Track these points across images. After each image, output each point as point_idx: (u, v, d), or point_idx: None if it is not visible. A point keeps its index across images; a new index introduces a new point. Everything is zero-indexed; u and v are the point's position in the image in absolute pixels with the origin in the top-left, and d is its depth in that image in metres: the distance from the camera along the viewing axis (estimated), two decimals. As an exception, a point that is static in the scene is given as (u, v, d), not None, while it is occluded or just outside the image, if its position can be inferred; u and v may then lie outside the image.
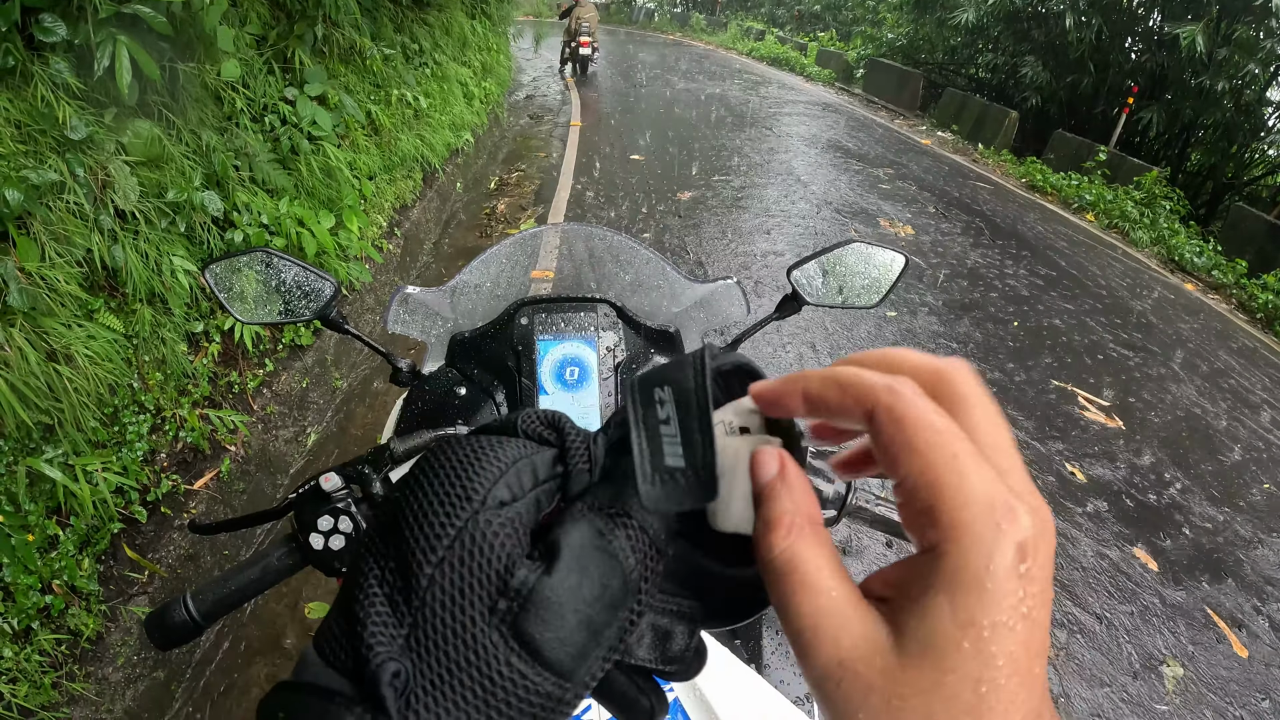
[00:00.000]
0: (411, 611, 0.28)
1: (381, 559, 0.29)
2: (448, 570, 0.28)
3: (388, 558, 0.29)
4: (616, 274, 1.37)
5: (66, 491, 2.29)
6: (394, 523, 0.30)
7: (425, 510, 0.29)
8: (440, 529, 0.28)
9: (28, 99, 2.35)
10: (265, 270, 1.12)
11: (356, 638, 0.28)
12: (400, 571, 0.28)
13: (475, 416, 1.17)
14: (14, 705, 2.01)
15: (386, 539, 0.30)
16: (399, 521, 0.30)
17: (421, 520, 0.29)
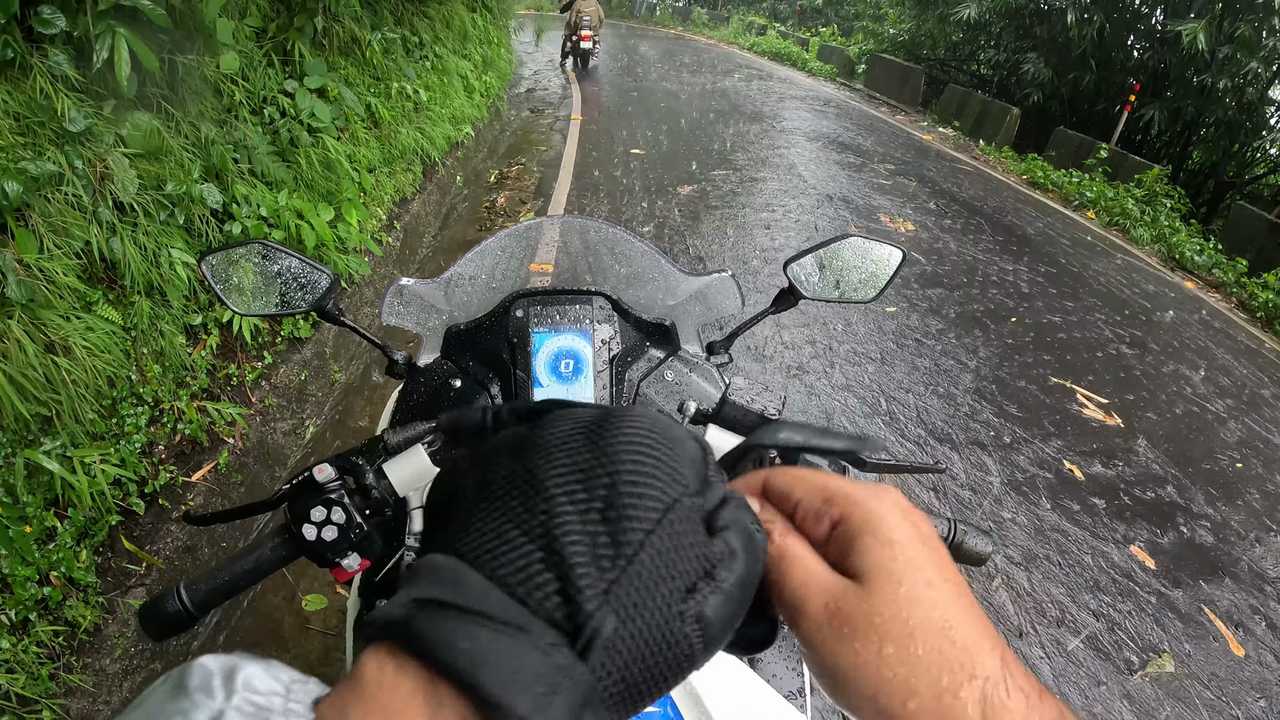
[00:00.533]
0: (616, 567, 0.28)
1: (576, 500, 0.30)
2: (659, 542, 0.29)
3: (585, 503, 0.29)
4: (612, 266, 1.37)
5: (64, 483, 2.29)
6: (593, 467, 0.30)
7: (640, 474, 0.30)
8: (655, 500, 0.30)
9: (26, 91, 2.35)
10: (262, 262, 1.12)
11: (565, 578, 0.28)
12: (607, 521, 0.29)
13: None
14: (12, 695, 2.01)
15: (580, 479, 0.30)
16: (603, 474, 0.30)
17: (637, 482, 0.30)
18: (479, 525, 0.30)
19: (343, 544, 0.86)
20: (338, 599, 2.62)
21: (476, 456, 0.35)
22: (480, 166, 7.63)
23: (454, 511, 0.32)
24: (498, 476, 0.32)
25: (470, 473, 0.34)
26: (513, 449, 0.33)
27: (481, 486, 0.32)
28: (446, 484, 0.35)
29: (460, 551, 0.30)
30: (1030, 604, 2.95)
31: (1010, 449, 3.87)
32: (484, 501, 0.31)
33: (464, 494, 0.33)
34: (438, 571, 0.29)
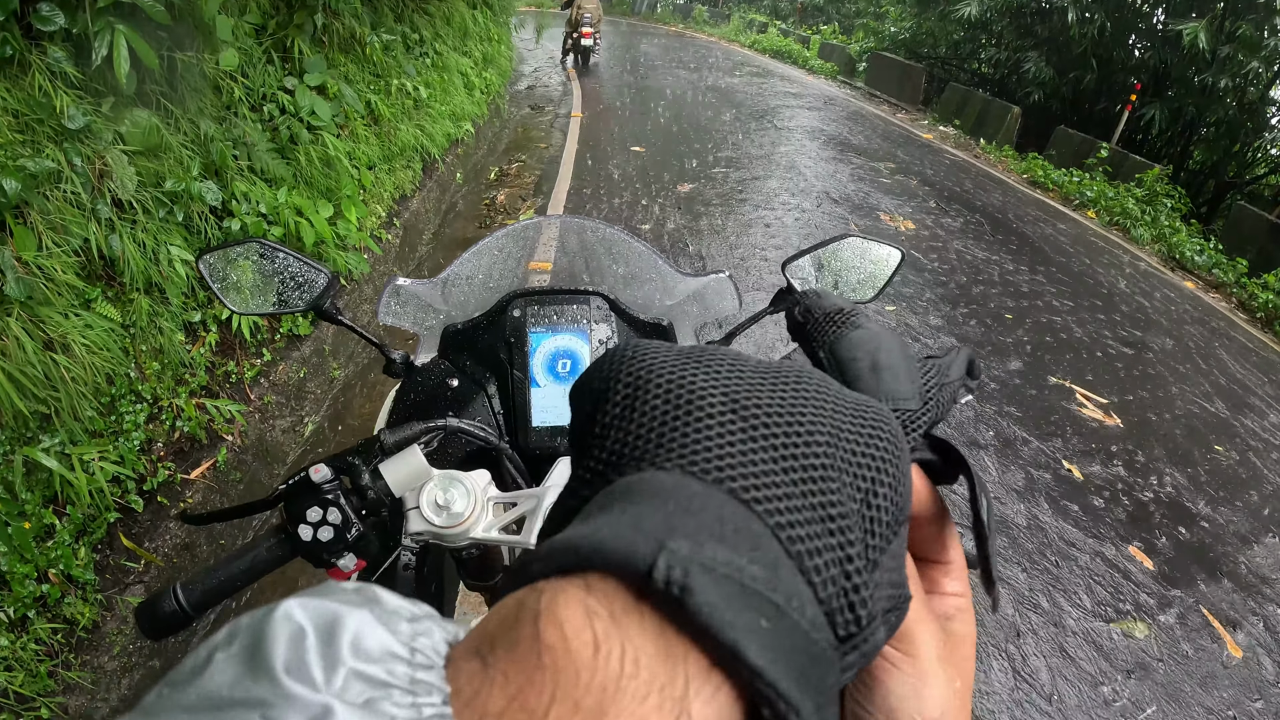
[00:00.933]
0: (870, 564, 0.24)
1: (847, 475, 0.25)
2: (890, 554, 0.26)
3: (853, 483, 0.25)
4: (610, 266, 1.37)
5: (63, 481, 2.29)
6: (859, 459, 0.26)
7: (889, 491, 0.26)
8: (892, 523, 0.26)
9: (25, 88, 2.35)
10: (259, 261, 1.13)
11: (848, 572, 0.23)
12: (864, 519, 0.25)
13: (467, 408, 1.17)
14: (10, 694, 2.01)
15: (846, 454, 0.25)
16: (867, 466, 0.26)
17: (894, 486, 0.26)
18: (740, 454, 0.23)
19: (338, 544, 0.87)
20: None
21: (708, 361, 0.27)
22: (480, 163, 7.62)
23: (686, 414, 0.25)
24: (758, 406, 0.25)
25: (708, 376, 0.26)
26: (774, 381, 0.26)
27: (735, 408, 0.25)
28: (658, 369, 0.27)
29: (719, 476, 0.23)
30: (1028, 605, 2.95)
31: (1009, 447, 3.87)
32: (743, 427, 0.24)
33: (706, 401, 0.25)
34: (711, 509, 0.22)
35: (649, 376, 0.26)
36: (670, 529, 0.20)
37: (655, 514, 0.21)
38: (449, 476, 0.95)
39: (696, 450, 0.23)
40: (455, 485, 0.94)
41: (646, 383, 0.26)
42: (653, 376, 0.26)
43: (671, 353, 0.27)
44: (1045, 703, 2.57)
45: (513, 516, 0.99)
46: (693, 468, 0.23)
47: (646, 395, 0.25)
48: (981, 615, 2.84)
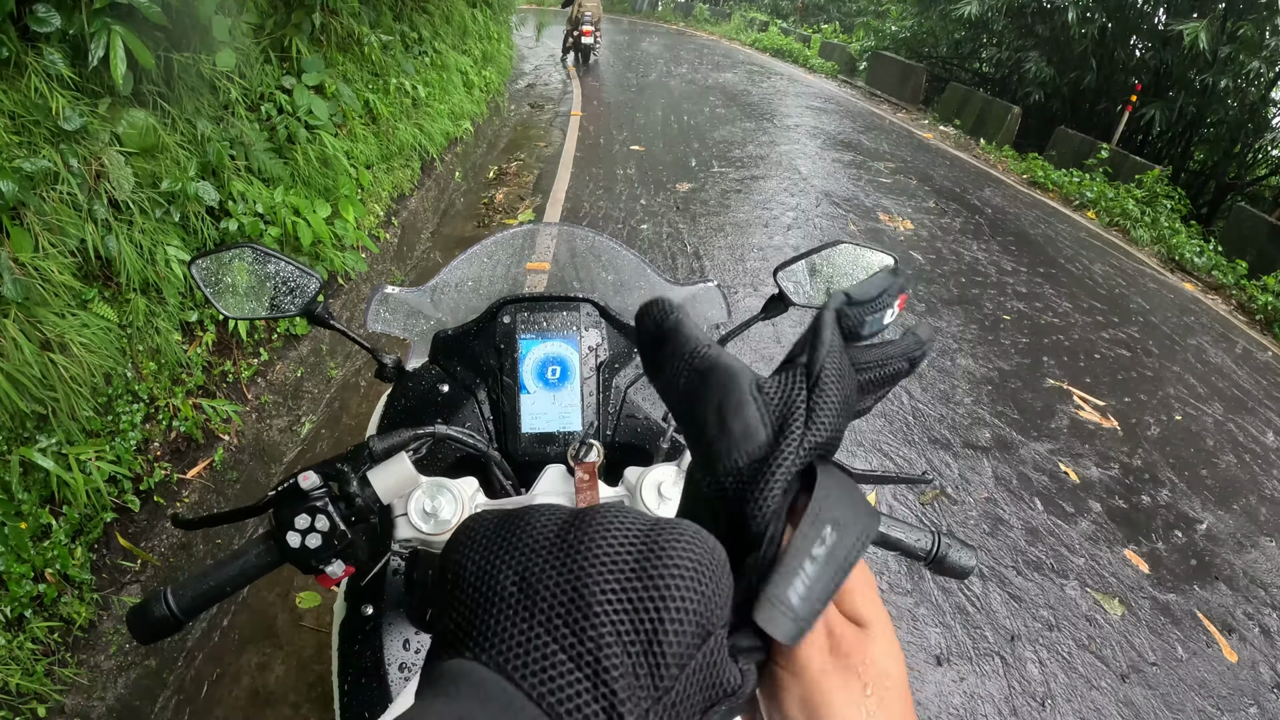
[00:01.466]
0: (651, 699, 0.28)
1: (623, 632, 0.28)
2: (691, 676, 0.29)
3: (632, 635, 0.28)
4: (600, 274, 1.37)
5: (60, 481, 2.30)
6: (640, 604, 0.29)
7: (684, 611, 0.29)
8: (693, 635, 0.29)
9: (21, 90, 2.35)
10: (252, 265, 1.13)
11: (610, 711, 0.27)
12: (648, 656, 0.28)
13: (457, 414, 1.18)
14: (11, 689, 2.02)
15: (629, 611, 0.29)
16: (650, 609, 0.29)
17: (681, 620, 0.29)
18: (522, 640, 0.28)
19: (326, 551, 0.87)
20: (330, 596, 2.63)
21: (514, 541, 0.32)
22: (479, 162, 7.63)
23: (486, 605, 0.30)
24: (543, 586, 0.29)
25: (508, 561, 0.31)
26: (558, 550, 0.30)
27: (524, 592, 0.29)
28: (474, 558, 0.32)
29: (502, 665, 0.28)
30: (1024, 607, 2.96)
31: (1006, 449, 3.87)
32: (527, 613, 0.29)
33: (501, 590, 0.30)
34: (487, 691, 0.27)
35: (460, 572, 0.32)
36: (452, 713, 0.26)
37: (448, 702, 0.27)
38: (436, 484, 0.96)
39: (488, 641, 0.29)
40: (442, 493, 0.95)
41: (459, 579, 0.31)
42: (463, 573, 0.32)
43: (485, 534, 0.33)
44: (1040, 708, 2.58)
45: None
46: (483, 656, 0.28)
47: (459, 591, 0.31)
48: (981, 617, 2.85)
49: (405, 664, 1.00)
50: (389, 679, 0.99)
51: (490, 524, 0.33)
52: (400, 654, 1.01)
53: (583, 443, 1.01)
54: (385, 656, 1.00)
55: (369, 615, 1.04)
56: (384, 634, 1.02)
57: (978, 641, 2.78)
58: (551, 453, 1.15)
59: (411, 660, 1.01)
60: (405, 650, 1.02)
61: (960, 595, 2.96)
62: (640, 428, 1.20)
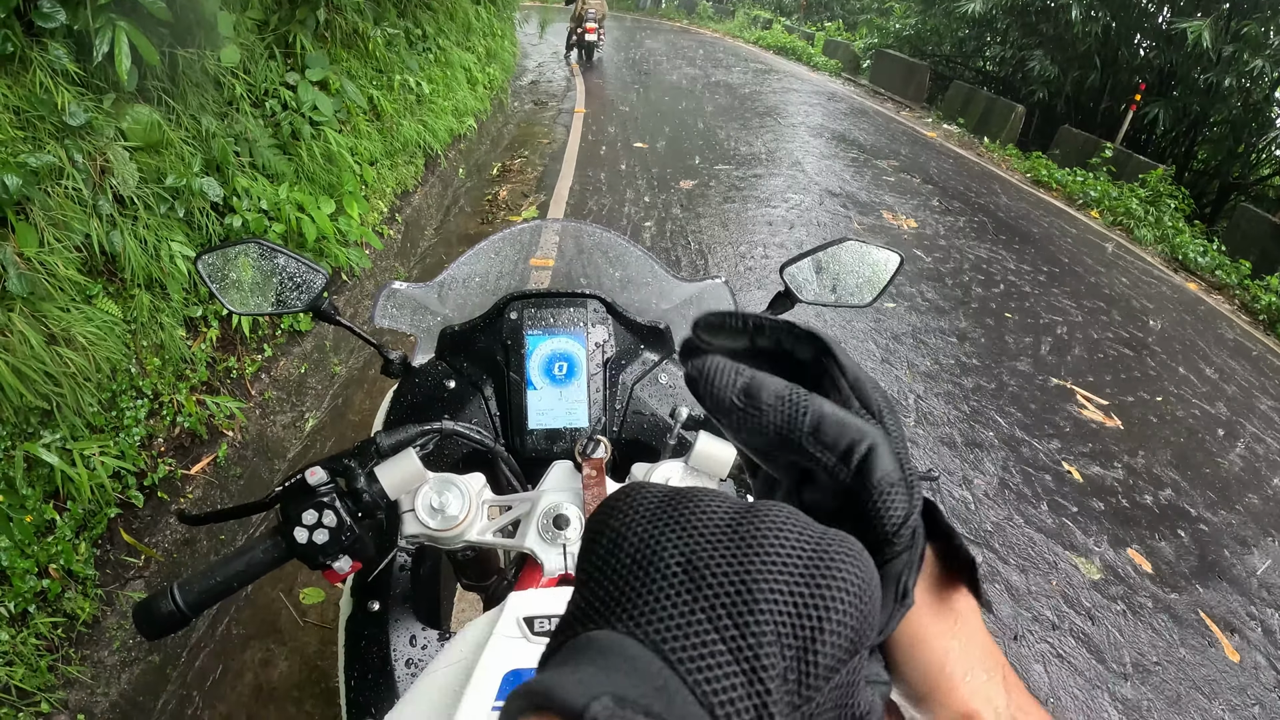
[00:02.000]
0: (799, 701, 0.27)
1: (783, 633, 0.28)
2: (831, 692, 0.29)
3: (791, 638, 0.28)
4: (607, 270, 1.37)
5: (64, 476, 2.30)
6: (805, 609, 0.28)
7: (842, 624, 0.29)
8: (843, 651, 0.29)
9: (26, 85, 2.35)
10: (258, 261, 1.13)
11: (762, 696, 0.27)
12: (802, 662, 0.28)
13: (464, 410, 1.18)
14: (12, 688, 2.02)
15: (793, 612, 0.28)
16: (813, 615, 0.28)
17: (838, 632, 0.29)
18: (682, 623, 0.27)
19: (333, 547, 0.87)
20: (334, 592, 2.63)
21: (683, 519, 0.31)
22: (483, 159, 7.62)
23: (647, 579, 0.29)
24: (710, 572, 0.29)
25: (674, 539, 0.30)
26: (729, 538, 0.30)
27: (690, 574, 0.29)
28: (637, 529, 0.31)
29: (658, 644, 0.27)
30: (1024, 606, 2.96)
31: (1010, 447, 3.86)
32: (691, 596, 0.28)
33: (665, 567, 0.29)
34: (640, 668, 0.26)
35: (620, 542, 0.30)
36: (603, 685, 0.24)
37: (597, 672, 0.26)
38: (444, 480, 0.96)
39: (645, 617, 0.28)
40: (450, 488, 0.95)
41: (617, 548, 0.30)
42: (623, 543, 0.30)
43: (650, 507, 0.31)
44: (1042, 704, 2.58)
45: (507, 520, 0.99)
46: (638, 631, 0.27)
47: (615, 560, 0.30)
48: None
49: (412, 660, 1.00)
50: (395, 675, 0.98)
51: (656, 497, 0.32)
52: (407, 650, 1.01)
53: (590, 439, 1.01)
54: (392, 652, 1.00)
55: (375, 611, 1.03)
56: (390, 630, 1.02)
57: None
58: (558, 449, 1.15)
59: (418, 656, 1.01)
60: (412, 646, 1.01)
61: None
62: (647, 424, 1.20)
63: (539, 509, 0.96)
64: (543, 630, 0.79)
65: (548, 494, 0.98)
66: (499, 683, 0.75)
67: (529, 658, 0.76)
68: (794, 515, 0.31)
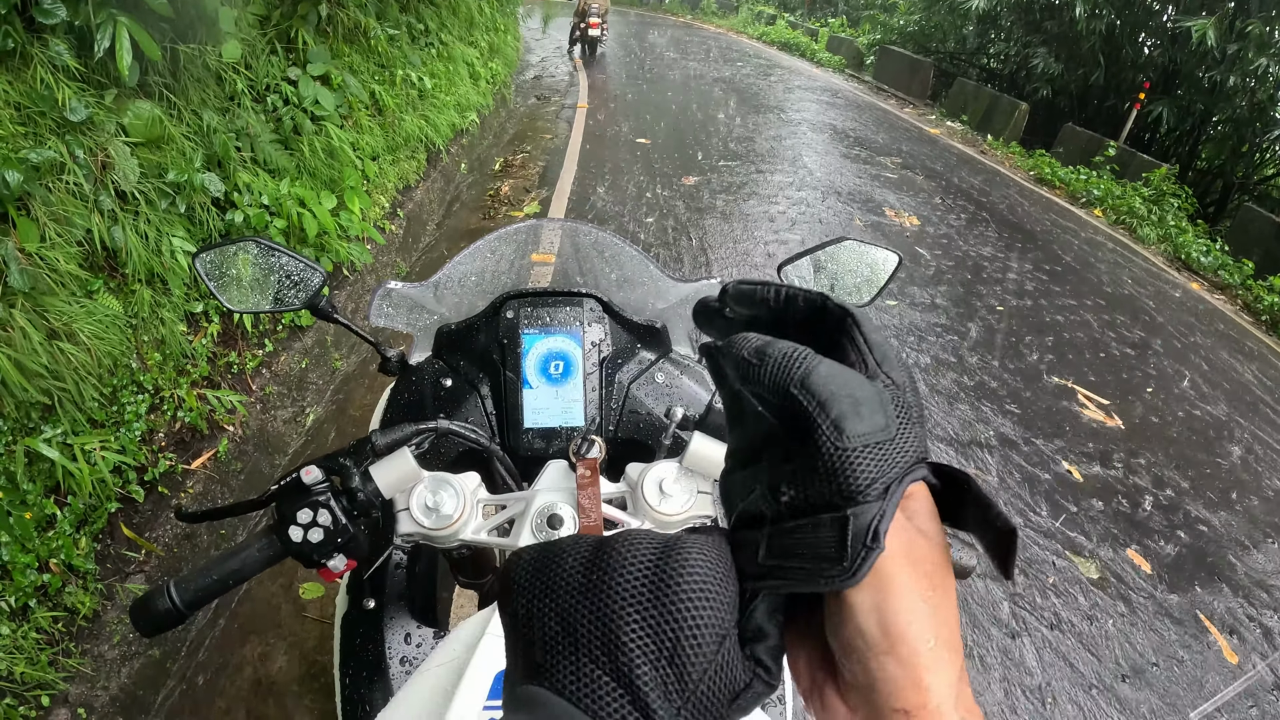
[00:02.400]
0: (682, 699, 0.34)
1: (648, 651, 0.34)
2: (713, 675, 0.34)
3: (656, 653, 0.34)
4: (603, 270, 1.37)
5: (64, 471, 2.31)
6: (660, 626, 0.34)
7: (699, 623, 0.35)
8: (710, 641, 0.34)
9: (27, 81, 2.35)
10: (256, 259, 1.13)
11: (641, 704, 0.33)
12: (673, 667, 0.34)
13: (460, 409, 1.18)
14: (16, 678, 2.03)
15: (651, 632, 0.34)
16: (668, 629, 0.34)
17: (697, 633, 0.34)
18: (572, 670, 0.35)
19: (328, 546, 0.87)
20: (334, 588, 2.63)
21: (550, 583, 0.38)
22: (485, 154, 7.61)
23: (541, 643, 0.36)
24: (580, 624, 0.35)
25: (549, 605, 0.37)
26: (586, 589, 0.36)
27: (566, 631, 0.36)
28: (523, 603, 0.38)
29: (561, 690, 0.34)
30: (1024, 603, 2.96)
31: (1009, 447, 3.86)
32: (572, 649, 0.35)
33: (549, 631, 0.36)
34: (549, 708, 0.34)
35: (515, 618, 0.38)
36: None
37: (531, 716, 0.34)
38: (439, 479, 0.96)
39: (550, 673, 0.35)
40: (445, 487, 0.95)
41: (514, 623, 0.38)
42: (517, 619, 0.38)
43: (525, 574, 0.39)
44: (1039, 702, 2.59)
45: (502, 519, 1.00)
46: (547, 685, 0.35)
47: (517, 629, 0.38)
48: (991, 610, 2.85)
49: (407, 657, 1.01)
50: (390, 672, 0.99)
51: (529, 565, 0.39)
52: (402, 648, 1.01)
53: (585, 438, 1.01)
54: (387, 650, 1.01)
55: (371, 609, 1.04)
56: (386, 628, 1.03)
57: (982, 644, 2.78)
58: (553, 448, 1.16)
59: (413, 654, 1.01)
60: (407, 644, 1.02)
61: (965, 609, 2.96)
62: (643, 424, 1.20)
63: (533, 509, 0.96)
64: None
65: (542, 494, 0.98)
66: (490, 682, 0.75)
67: (521, 657, 0.77)
68: (635, 543, 0.38)
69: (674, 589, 0.35)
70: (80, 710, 2.14)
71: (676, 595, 0.35)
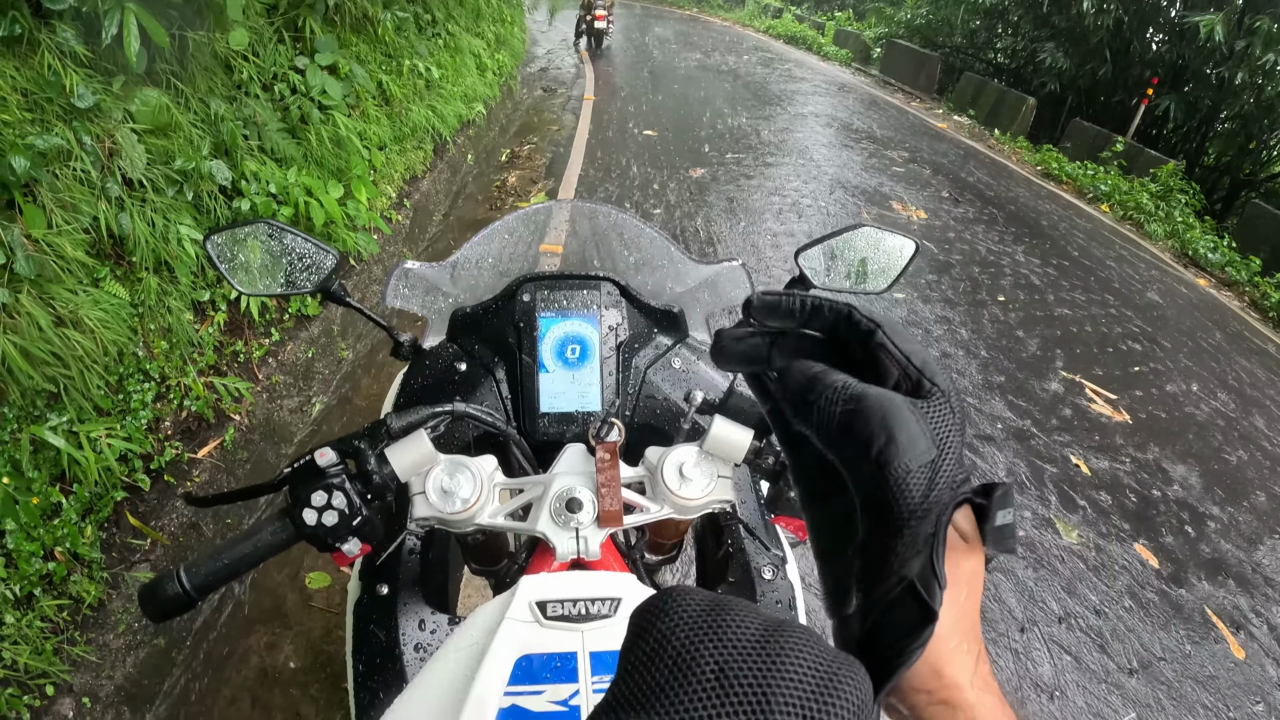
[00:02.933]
0: None
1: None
2: None
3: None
4: (621, 253, 1.36)
5: (70, 459, 2.30)
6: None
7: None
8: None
9: (34, 67, 2.34)
10: (267, 241, 1.12)
11: None
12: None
13: (475, 393, 1.17)
14: (20, 667, 2.03)
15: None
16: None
17: None
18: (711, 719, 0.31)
19: (343, 529, 0.86)
20: (341, 577, 2.63)
21: (718, 632, 0.34)
22: (492, 145, 7.60)
23: (684, 682, 0.32)
24: (739, 684, 0.32)
25: (710, 650, 0.33)
26: (757, 657, 0.33)
27: (722, 683, 0.32)
28: (680, 634, 0.34)
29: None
30: (1029, 599, 2.95)
31: (1017, 440, 3.85)
32: (719, 702, 0.31)
33: (701, 674, 0.32)
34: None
35: (663, 644, 0.34)
36: None
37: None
38: (455, 462, 0.94)
39: (681, 712, 0.31)
40: (461, 470, 0.94)
41: (660, 650, 0.33)
42: (666, 645, 0.34)
43: (691, 615, 0.35)
44: (1048, 698, 2.57)
45: (519, 503, 0.98)
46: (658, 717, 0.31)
47: (658, 659, 0.33)
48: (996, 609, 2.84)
49: (420, 644, 0.99)
50: (404, 659, 0.98)
51: (697, 606, 0.35)
52: (416, 634, 1.00)
53: (604, 422, 0.99)
54: (400, 637, 0.99)
55: (384, 595, 1.02)
56: (399, 614, 1.01)
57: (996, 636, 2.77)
58: (570, 432, 1.14)
59: (427, 640, 1.00)
60: (421, 630, 1.00)
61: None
62: (660, 409, 1.19)
63: (551, 492, 0.95)
64: (555, 614, 0.77)
65: (560, 477, 0.97)
66: (511, 667, 0.74)
67: (541, 642, 0.75)
68: (813, 638, 0.35)
69: (836, 693, 0.33)
70: (85, 700, 2.13)
71: (837, 699, 0.32)
